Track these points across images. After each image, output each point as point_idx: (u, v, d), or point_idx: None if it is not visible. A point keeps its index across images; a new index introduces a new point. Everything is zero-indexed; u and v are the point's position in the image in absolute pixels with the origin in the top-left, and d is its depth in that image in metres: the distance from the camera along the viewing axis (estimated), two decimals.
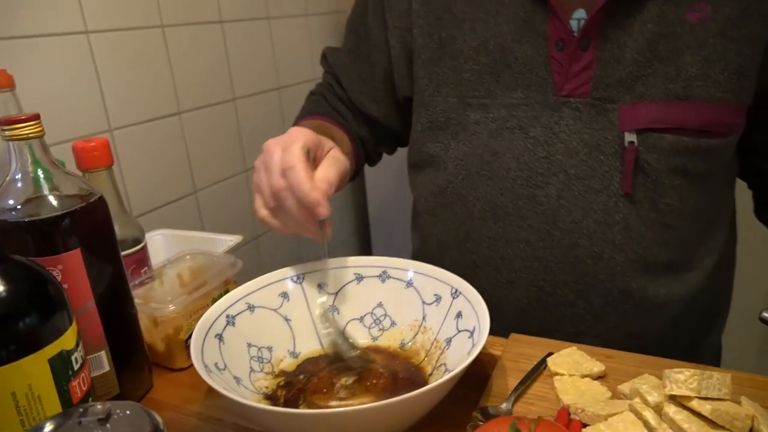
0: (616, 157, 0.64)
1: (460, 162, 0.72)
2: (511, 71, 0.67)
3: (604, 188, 0.65)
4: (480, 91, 0.69)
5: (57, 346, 0.38)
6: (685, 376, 0.44)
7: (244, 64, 1.25)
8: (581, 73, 0.64)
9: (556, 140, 0.66)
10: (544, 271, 0.69)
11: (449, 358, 0.55)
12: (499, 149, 0.69)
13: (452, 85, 0.71)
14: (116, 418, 0.33)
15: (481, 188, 0.71)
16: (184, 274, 0.68)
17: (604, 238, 0.66)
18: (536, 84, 0.66)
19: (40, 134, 0.48)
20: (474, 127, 0.70)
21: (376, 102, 0.82)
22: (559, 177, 0.66)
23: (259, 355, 0.58)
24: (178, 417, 0.56)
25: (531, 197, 0.68)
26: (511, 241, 0.70)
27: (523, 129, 0.68)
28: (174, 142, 1.10)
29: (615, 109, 0.64)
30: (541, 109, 0.67)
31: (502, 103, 0.68)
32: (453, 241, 0.75)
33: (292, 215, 0.57)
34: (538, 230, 0.68)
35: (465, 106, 0.70)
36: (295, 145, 0.56)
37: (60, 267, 0.49)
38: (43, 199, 0.49)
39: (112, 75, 0.95)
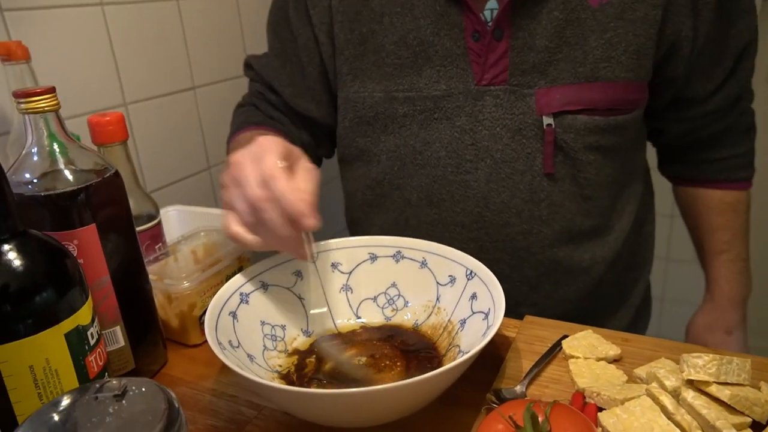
0: (536, 140, 0.68)
1: (393, 154, 0.74)
2: (432, 64, 0.69)
3: (528, 169, 0.69)
4: (404, 84, 0.71)
5: (73, 321, 0.39)
6: (704, 360, 0.43)
7: (259, 39, 1.24)
8: (498, 62, 0.67)
9: (480, 127, 0.69)
10: (480, 250, 0.72)
11: (463, 339, 0.55)
12: (429, 139, 0.72)
13: (377, 80, 0.73)
14: (132, 394, 0.33)
15: (415, 177, 0.74)
16: (198, 251, 0.68)
17: (531, 215, 0.70)
18: (457, 75, 0.69)
19: (55, 108, 0.48)
20: (402, 119, 0.72)
21: (314, 102, 0.81)
22: (486, 162, 0.70)
23: (272, 333, 0.58)
24: (192, 393, 0.56)
25: (462, 183, 0.71)
26: (447, 225, 0.73)
27: (449, 119, 0.70)
28: (188, 117, 1.09)
29: (532, 94, 0.67)
30: (464, 99, 0.69)
31: (427, 95, 0.70)
32: (394, 229, 0.77)
33: (275, 228, 0.51)
34: (471, 213, 0.72)
35: (391, 100, 0.72)
36: (269, 155, 0.52)
37: (75, 242, 0.49)
38: (59, 173, 0.49)
39: (126, 48, 0.95)
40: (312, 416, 0.47)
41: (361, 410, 0.44)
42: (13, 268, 0.37)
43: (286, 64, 0.81)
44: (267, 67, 0.83)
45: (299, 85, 0.81)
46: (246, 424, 0.51)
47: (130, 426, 0.30)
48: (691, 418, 0.42)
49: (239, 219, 0.53)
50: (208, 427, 0.51)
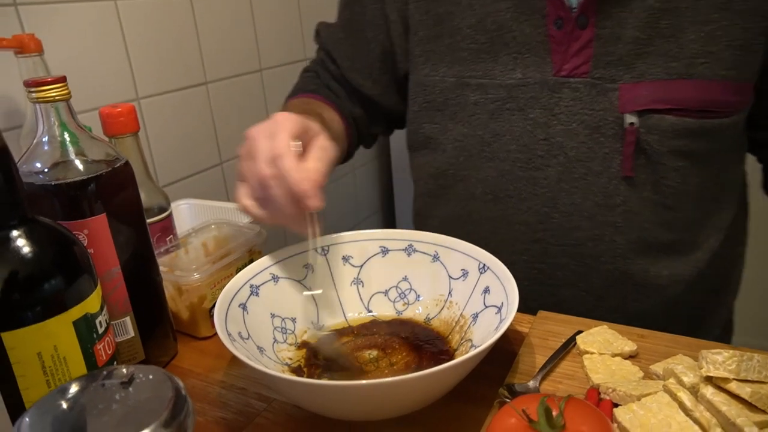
0: (616, 139, 0.63)
1: (460, 143, 0.71)
2: (508, 50, 0.66)
3: (605, 170, 0.64)
4: (478, 70, 0.68)
5: (81, 308, 0.38)
6: (723, 357, 0.42)
7: (271, 35, 1.24)
8: (580, 52, 0.63)
9: (555, 122, 0.65)
10: (543, 253, 0.68)
11: (475, 333, 0.54)
12: (499, 131, 0.68)
13: (449, 64, 0.69)
14: (139, 381, 0.32)
15: (482, 170, 0.70)
16: (209, 244, 0.68)
17: (604, 221, 0.65)
18: (535, 64, 0.65)
19: (66, 97, 0.48)
20: (473, 107, 0.69)
21: (371, 79, 0.79)
22: (558, 159, 0.65)
23: (282, 325, 0.58)
24: (202, 385, 0.56)
25: (531, 179, 0.67)
26: (512, 223, 0.69)
27: (522, 110, 0.66)
28: (200, 112, 1.09)
29: (615, 89, 0.62)
30: (540, 89, 0.65)
31: (501, 83, 0.67)
32: (454, 223, 0.74)
33: (281, 205, 0.52)
34: (538, 213, 0.67)
35: (463, 86, 0.69)
36: (281, 133, 0.52)
37: (86, 231, 0.49)
38: (70, 163, 0.49)
39: (139, 43, 0.95)
40: (322, 409, 0.47)
41: (372, 402, 0.44)
42: (22, 255, 0.37)
43: (349, 37, 0.79)
44: (331, 37, 0.82)
45: (359, 60, 0.79)
46: (255, 416, 0.51)
47: (136, 413, 0.30)
48: (710, 415, 0.40)
49: (250, 192, 0.54)
50: (218, 419, 0.51)
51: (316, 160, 0.54)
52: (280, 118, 0.54)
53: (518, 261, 0.69)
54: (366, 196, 1.69)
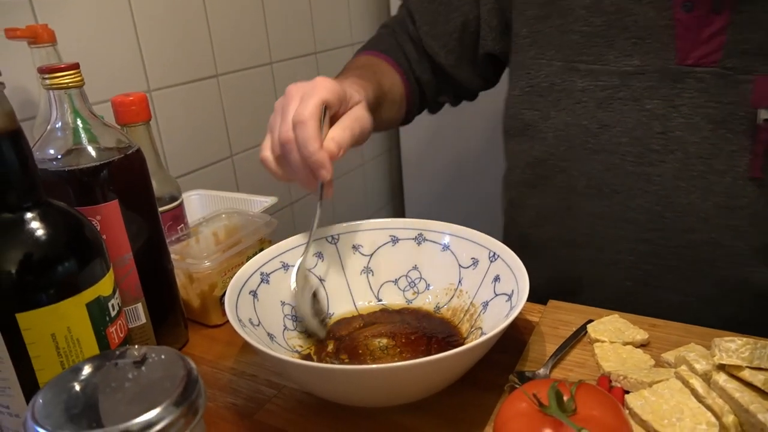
0: (745, 136, 0.57)
1: (562, 132, 0.66)
2: (627, 34, 0.61)
3: (729, 169, 0.58)
4: (589, 55, 0.63)
5: (94, 291, 0.39)
6: (736, 345, 0.42)
7: (282, 28, 1.24)
8: (712, 39, 0.57)
9: (675, 114, 0.60)
10: (651, 254, 0.64)
11: (485, 321, 0.54)
12: (608, 121, 0.63)
13: (558, 47, 0.65)
14: (151, 361, 0.33)
15: (585, 162, 0.65)
16: (219, 233, 0.68)
17: (724, 224, 0.60)
18: (656, 50, 0.59)
19: (79, 84, 0.48)
20: (580, 95, 0.64)
21: (445, 49, 0.77)
22: (676, 155, 0.60)
23: (292, 313, 0.58)
24: (212, 372, 0.56)
25: (643, 175, 0.62)
26: (617, 221, 0.65)
27: (637, 100, 0.61)
28: (211, 104, 1.10)
29: (749, 81, 0.56)
30: (660, 78, 0.60)
31: (615, 70, 0.62)
32: (552, 216, 0.70)
33: (295, 169, 0.55)
34: (649, 211, 0.63)
35: (571, 71, 0.64)
36: (313, 98, 0.53)
37: (98, 217, 0.49)
38: (83, 150, 0.50)
39: (151, 35, 0.95)
40: (333, 394, 0.47)
41: (382, 387, 0.44)
42: (36, 237, 0.37)
43: (434, 2, 0.77)
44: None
45: (438, 27, 0.76)
46: (265, 402, 0.51)
47: (148, 391, 0.30)
48: (723, 402, 0.40)
49: (271, 146, 0.56)
50: (228, 404, 0.51)
51: (342, 129, 0.55)
52: (319, 83, 0.55)
53: (622, 260, 0.66)
54: (376, 190, 1.69)
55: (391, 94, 0.74)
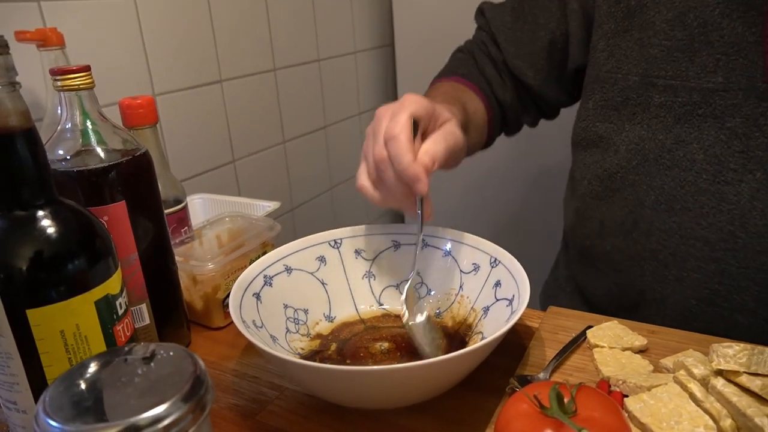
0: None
1: (635, 146, 0.65)
2: (711, 50, 0.59)
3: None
4: (669, 70, 0.62)
5: (103, 289, 0.39)
6: (734, 350, 0.42)
7: (286, 36, 1.25)
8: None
9: (758, 134, 0.58)
10: (721, 273, 0.62)
11: (486, 326, 0.54)
12: (685, 137, 0.62)
13: (636, 61, 0.64)
14: (160, 358, 0.33)
15: (657, 177, 0.64)
16: (222, 236, 0.69)
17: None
18: (742, 67, 0.57)
19: (90, 86, 0.49)
20: (657, 110, 0.63)
21: (534, 68, 0.76)
22: (755, 175, 0.58)
23: (295, 316, 0.59)
24: (215, 373, 0.56)
25: (717, 193, 0.60)
26: (686, 238, 0.63)
27: (717, 118, 0.59)
28: (214, 110, 1.11)
29: None
30: (744, 96, 0.58)
31: (695, 86, 0.60)
32: (618, 228, 0.69)
33: (391, 188, 0.54)
34: (721, 230, 0.61)
35: (648, 86, 0.63)
36: (402, 113, 0.53)
37: (106, 218, 0.50)
38: (91, 151, 0.50)
39: (156, 40, 0.96)
40: (335, 396, 0.47)
41: (384, 389, 0.44)
42: (48, 235, 0.38)
43: (518, 21, 0.76)
44: (498, 19, 0.79)
45: (525, 47, 0.76)
46: (267, 404, 0.52)
47: (158, 386, 0.31)
48: (721, 406, 0.41)
49: (367, 172, 0.56)
50: (230, 405, 0.52)
51: (435, 142, 0.54)
52: (407, 99, 0.55)
53: (689, 278, 0.64)
54: None
55: (475, 119, 0.75)
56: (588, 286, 0.75)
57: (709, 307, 0.64)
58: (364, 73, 1.54)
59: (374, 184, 0.56)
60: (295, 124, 1.31)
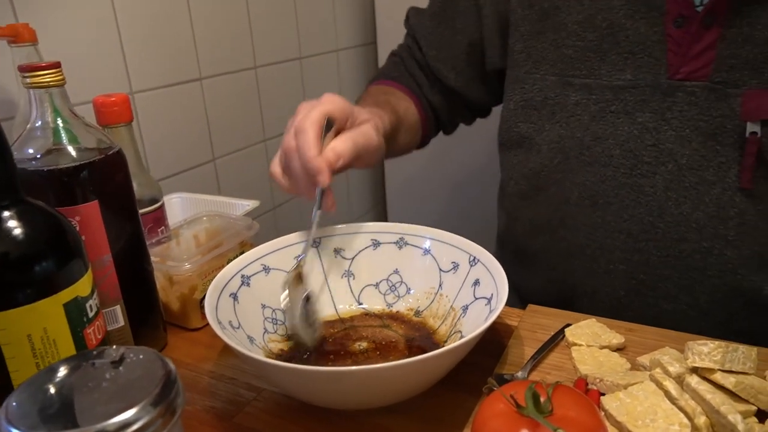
0: (734, 148, 0.59)
1: (556, 145, 0.68)
2: (619, 49, 0.62)
3: (719, 180, 0.60)
4: (582, 69, 0.65)
5: (72, 291, 0.38)
6: (709, 348, 0.43)
7: (267, 32, 1.24)
8: (702, 54, 0.58)
9: (666, 127, 0.61)
10: (645, 263, 0.65)
11: (465, 325, 0.54)
12: (601, 134, 0.64)
13: (552, 61, 0.67)
14: (129, 361, 0.32)
15: (579, 174, 0.67)
16: (200, 235, 0.68)
17: (715, 233, 0.61)
18: (648, 65, 0.61)
19: (60, 83, 0.48)
20: (574, 108, 0.66)
21: (454, 71, 0.79)
22: (667, 167, 0.62)
23: (273, 316, 0.58)
24: (191, 375, 0.56)
25: (635, 186, 0.64)
26: (611, 231, 0.66)
27: (629, 114, 0.63)
28: (194, 108, 1.09)
29: (738, 95, 0.57)
30: (652, 92, 0.61)
31: (607, 84, 0.63)
32: (546, 226, 0.71)
33: (296, 177, 0.57)
34: (642, 221, 0.64)
35: (565, 85, 0.66)
36: (317, 110, 0.56)
37: (77, 218, 0.49)
38: (63, 150, 0.49)
39: (134, 37, 0.95)
40: (312, 396, 0.47)
41: (362, 389, 0.44)
42: (14, 236, 0.37)
43: (439, 26, 0.79)
44: (420, 24, 0.81)
45: (445, 50, 0.78)
46: (245, 405, 0.51)
47: (126, 391, 0.30)
48: (695, 404, 0.41)
49: (279, 160, 0.59)
50: (207, 408, 0.51)
51: (343, 141, 0.56)
52: (325, 98, 0.58)
53: (616, 270, 0.67)
54: (358, 195, 1.69)
55: (407, 120, 0.77)
56: (522, 285, 0.78)
57: (637, 297, 0.67)
58: (346, 71, 1.53)
59: (283, 171, 0.59)
60: (276, 123, 1.30)
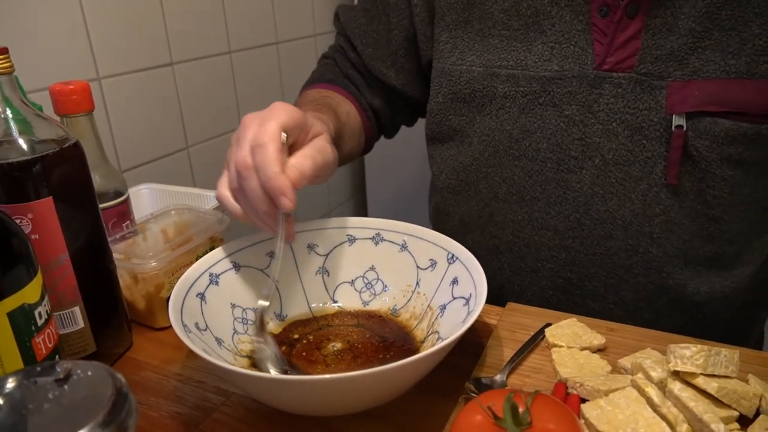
0: (660, 143, 0.58)
1: (486, 138, 0.66)
2: (545, 39, 0.60)
3: (645, 176, 0.59)
4: (509, 60, 0.62)
5: (18, 299, 0.36)
6: (691, 351, 0.41)
7: (242, 15, 1.20)
8: (627, 44, 0.57)
9: (593, 120, 0.60)
10: (572, 261, 0.64)
11: (442, 325, 0.52)
12: (529, 127, 0.63)
13: (478, 52, 0.64)
14: (76, 378, 0.30)
15: (507, 168, 0.65)
16: (168, 230, 0.65)
17: (640, 231, 0.61)
18: (574, 55, 0.59)
19: (8, 70, 0.44)
20: (502, 100, 0.64)
21: (394, 68, 0.75)
22: (594, 161, 0.60)
23: (243, 316, 0.56)
24: (157, 378, 0.53)
25: (562, 182, 0.62)
26: (538, 228, 0.65)
27: (556, 106, 0.61)
28: (166, 94, 1.05)
29: (663, 87, 0.56)
30: (578, 84, 0.60)
31: (534, 75, 0.61)
32: (475, 222, 0.70)
33: (252, 200, 0.48)
34: (568, 218, 0.63)
35: (492, 76, 0.64)
36: (272, 122, 0.48)
37: (30, 216, 0.46)
38: (13, 143, 0.46)
39: (101, 19, 0.91)
40: (283, 404, 0.45)
41: (333, 398, 0.42)
42: None
43: (372, 22, 0.75)
44: (352, 22, 0.77)
45: (382, 47, 0.74)
46: (213, 411, 0.49)
47: (70, 413, 0.28)
48: (678, 411, 0.40)
49: (228, 181, 0.51)
50: (173, 414, 0.49)
51: (304, 157, 0.50)
52: (276, 107, 0.50)
53: (543, 268, 0.66)
54: (337, 185, 1.66)
55: (349, 124, 0.72)
56: None
57: (564, 295, 0.66)
58: None
59: (234, 194, 0.51)
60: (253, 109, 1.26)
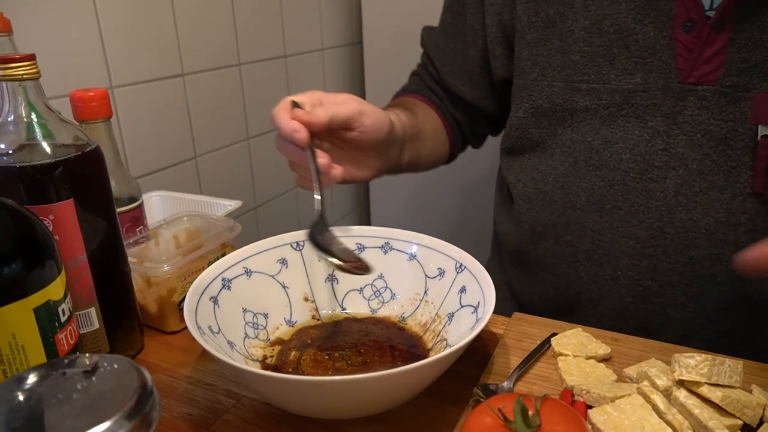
0: (745, 152, 0.58)
1: (567, 149, 0.67)
2: (628, 54, 0.62)
3: (730, 185, 0.59)
4: (591, 75, 0.64)
5: (43, 295, 0.36)
6: (696, 361, 0.42)
7: (251, 30, 1.22)
8: (713, 58, 0.58)
9: (677, 131, 0.61)
10: (653, 270, 0.64)
11: (450, 333, 0.53)
12: (611, 138, 0.64)
13: (559, 68, 0.66)
14: (103, 371, 0.31)
15: (587, 178, 0.66)
16: (180, 236, 0.66)
17: (725, 239, 0.60)
18: (658, 69, 0.61)
19: (35, 76, 0.46)
20: (583, 113, 0.65)
21: (469, 84, 0.80)
22: (678, 171, 0.61)
23: (254, 321, 0.57)
24: (168, 380, 0.54)
25: (644, 191, 0.63)
26: (618, 237, 0.65)
27: (639, 118, 0.62)
28: (176, 104, 1.07)
29: (748, 99, 0.57)
30: (663, 96, 0.61)
31: (617, 88, 0.63)
32: (550, 231, 0.70)
33: (290, 157, 0.60)
34: (650, 227, 0.63)
35: (573, 90, 0.66)
36: (287, 98, 0.60)
37: (51, 217, 0.47)
38: (37, 146, 0.47)
39: (114, 30, 0.92)
40: (293, 406, 0.46)
41: (344, 399, 0.43)
42: None
43: (450, 41, 0.80)
44: (432, 42, 0.83)
45: (458, 65, 0.79)
46: (223, 413, 0.49)
47: (98, 404, 0.29)
48: (683, 418, 0.40)
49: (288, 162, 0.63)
50: (184, 415, 0.49)
51: (329, 106, 0.60)
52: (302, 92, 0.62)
53: (623, 276, 0.66)
54: (342, 196, 1.67)
55: (429, 124, 0.78)
56: (523, 290, 0.77)
57: (643, 303, 0.66)
58: (331, 70, 1.52)
59: (291, 167, 0.62)
60: (260, 121, 1.28)
